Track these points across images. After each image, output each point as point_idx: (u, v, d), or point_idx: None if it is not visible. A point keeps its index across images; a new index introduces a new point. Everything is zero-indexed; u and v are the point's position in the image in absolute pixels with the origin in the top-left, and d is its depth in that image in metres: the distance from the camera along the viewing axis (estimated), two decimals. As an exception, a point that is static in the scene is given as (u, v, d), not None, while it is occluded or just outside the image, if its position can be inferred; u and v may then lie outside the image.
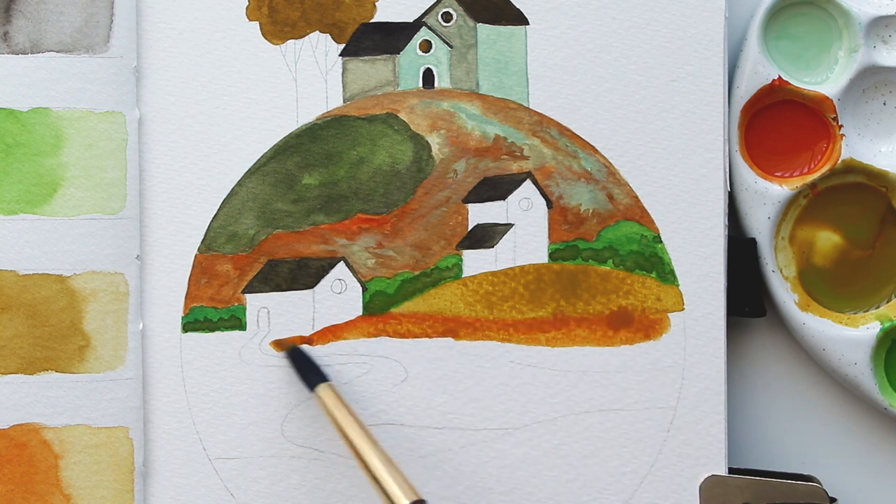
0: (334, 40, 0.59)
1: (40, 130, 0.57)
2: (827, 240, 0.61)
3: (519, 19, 0.59)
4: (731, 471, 0.59)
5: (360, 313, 0.59)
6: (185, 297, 0.58)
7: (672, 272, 0.59)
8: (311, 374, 0.57)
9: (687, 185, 0.59)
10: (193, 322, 0.58)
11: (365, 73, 0.59)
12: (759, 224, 0.60)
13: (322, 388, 0.56)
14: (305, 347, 0.58)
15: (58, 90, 0.57)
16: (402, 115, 0.59)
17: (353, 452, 0.53)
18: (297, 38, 0.59)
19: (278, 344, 0.58)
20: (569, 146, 0.59)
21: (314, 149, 0.59)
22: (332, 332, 0.59)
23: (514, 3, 0.59)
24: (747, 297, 0.60)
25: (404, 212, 0.59)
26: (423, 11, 0.59)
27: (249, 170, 0.59)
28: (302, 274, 0.59)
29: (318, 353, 0.59)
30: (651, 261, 0.59)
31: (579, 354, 0.59)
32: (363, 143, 0.59)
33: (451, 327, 0.59)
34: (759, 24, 0.60)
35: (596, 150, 0.59)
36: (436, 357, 0.59)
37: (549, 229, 0.59)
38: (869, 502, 0.62)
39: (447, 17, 0.59)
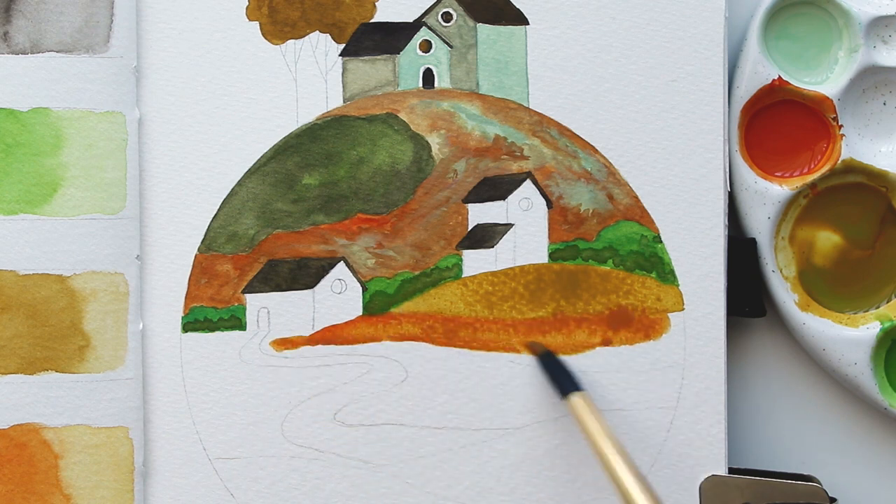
0: (334, 40, 0.59)
1: (40, 130, 0.57)
2: (827, 240, 0.61)
3: (519, 19, 0.59)
4: (731, 471, 0.59)
5: (360, 313, 0.59)
6: (185, 297, 0.58)
7: (672, 272, 0.59)
8: (564, 381, 0.57)
9: (687, 185, 0.59)
10: (193, 322, 0.58)
11: (365, 73, 0.59)
12: (759, 224, 0.60)
13: (575, 397, 0.55)
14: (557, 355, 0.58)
15: (58, 90, 0.57)
16: (402, 115, 0.59)
17: (603, 466, 0.52)
18: (297, 38, 0.59)
19: (529, 347, 0.58)
20: (569, 146, 0.59)
21: (314, 149, 0.59)
22: (332, 332, 0.59)
23: (514, 3, 0.59)
24: (747, 297, 0.60)
25: (404, 212, 0.59)
26: (423, 11, 0.59)
27: (249, 170, 0.59)
28: (302, 274, 0.59)
29: (318, 353, 0.59)
30: (651, 261, 0.59)
31: (579, 354, 0.59)
32: (363, 143, 0.59)
33: (451, 327, 0.59)
34: (759, 24, 0.60)
35: (596, 150, 0.59)
36: (436, 357, 0.59)
37: (549, 229, 0.59)
38: (869, 502, 0.62)
39: (447, 17, 0.59)
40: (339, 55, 0.59)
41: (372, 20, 0.59)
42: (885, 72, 0.61)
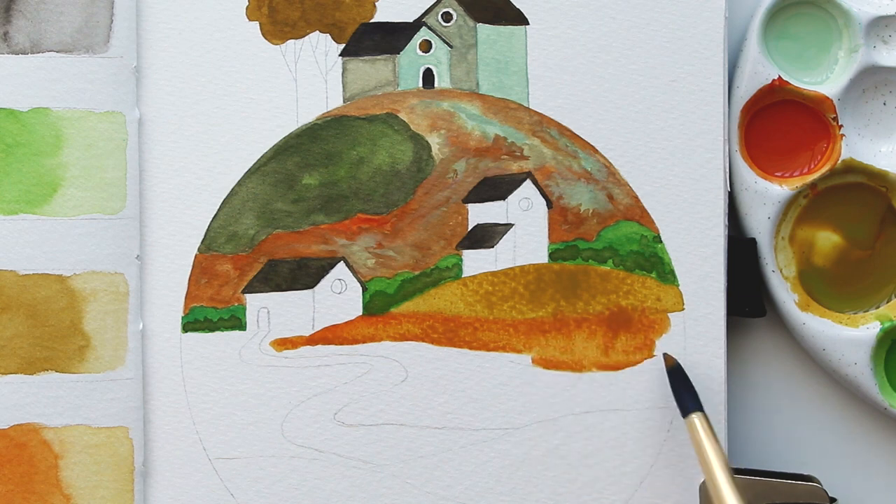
0: (334, 40, 0.59)
1: (40, 130, 0.57)
2: (827, 240, 0.61)
3: (519, 19, 0.59)
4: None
5: (360, 313, 0.59)
6: (185, 297, 0.58)
7: (672, 272, 0.59)
8: (687, 399, 0.57)
9: (687, 185, 0.59)
10: (193, 322, 0.58)
11: (365, 73, 0.59)
12: (759, 224, 0.60)
13: (695, 418, 0.56)
14: (684, 370, 0.59)
15: (58, 90, 0.57)
16: (402, 115, 0.59)
17: (710, 488, 0.54)
18: (297, 38, 0.59)
19: (666, 357, 0.59)
20: (569, 146, 0.59)
21: (314, 149, 0.59)
22: (332, 332, 0.59)
23: (514, 3, 0.59)
24: (747, 297, 0.60)
25: (404, 212, 0.59)
26: (423, 11, 0.59)
27: (249, 170, 0.59)
28: (302, 274, 0.59)
29: (318, 353, 0.59)
30: (651, 261, 0.59)
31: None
32: (363, 143, 0.59)
33: (451, 327, 0.59)
34: (759, 24, 0.60)
35: (596, 150, 0.59)
36: (436, 357, 0.59)
37: (549, 229, 0.59)
38: (869, 502, 0.62)
39: (447, 17, 0.59)
40: (339, 55, 0.59)
41: (372, 20, 0.59)
42: (885, 72, 0.61)
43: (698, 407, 0.57)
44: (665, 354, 0.59)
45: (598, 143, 0.59)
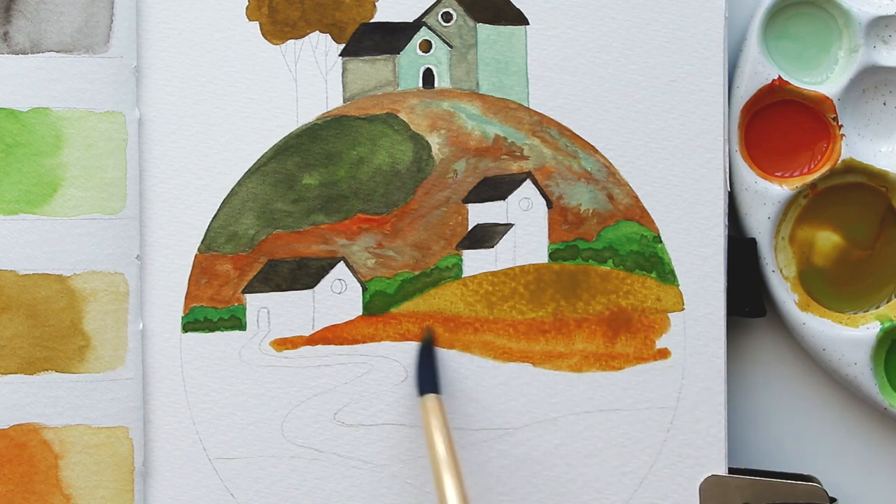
0: (334, 40, 0.59)
1: (40, 130, 0.57)
2: (827, 240, 0.61)
3: (519, 19, 0.59)
4: (731, 471, 0.59)
5: (360, 313, 0.59)
6: (185, 297, 0.58)
7: (672, 272, 0.59)
8: (425, 380, 0.57)
9: (687, 185, 0.59)
10: (193, 322, 0.58)
11: (365, 73, 0.59)
12: (759, 224, 0.60)
13: (428, 399, 0.56)
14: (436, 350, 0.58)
15: (58, 90, 0.57)
16: (402, 115, 0.59)
17: (433, 470, 0.53)
18: (297, 38, 0.59)
19: (424, 330, 0.58)
20: (569, 146, 0.59)
21: (314, 149, 0.59)
22: (332, 332, 0.59)
23: (514, 3, 0.59)
24: (747, 297, 0.60)
25: (404, 212, 0.59)
26: (423, 11, 0.59)
27: (249, 170, 0.59)
28: (302, 274, 0.59)
29: (318, 353, 0.59)
30: (651, 261, 0.59)
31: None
32: (363, 143, 0.59)
33: (452, 327, 0.59)
34: (759, 24, 0.60)
35: (596, 150, 0.59)
36: (436, 357, 0.59)
37: (549, 229, 0.59)
38: (869, 502, 0.62)
39: (447, 17, 0.59)
40: (339, 55, 0.59)
41: (372, 20, 0.59)
42: (885, 72, 0.61)
43: (434, 389, 0.56)
44: (427, 327, 0.59)
45: (598, 143, 0.59)
